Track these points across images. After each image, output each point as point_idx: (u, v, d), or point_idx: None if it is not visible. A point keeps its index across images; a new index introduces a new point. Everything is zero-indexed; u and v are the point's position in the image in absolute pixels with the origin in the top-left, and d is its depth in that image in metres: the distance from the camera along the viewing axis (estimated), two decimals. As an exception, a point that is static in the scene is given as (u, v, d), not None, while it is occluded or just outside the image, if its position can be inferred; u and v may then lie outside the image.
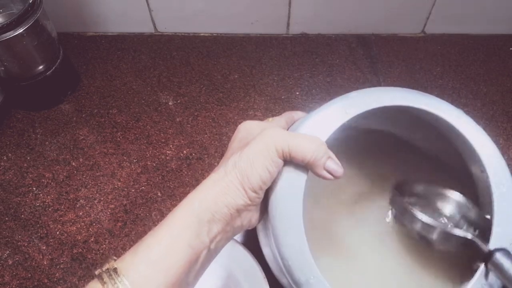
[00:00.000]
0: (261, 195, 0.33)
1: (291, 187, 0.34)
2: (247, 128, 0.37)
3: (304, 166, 0.33)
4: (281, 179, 0.34)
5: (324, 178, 0.33)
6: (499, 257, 0.31)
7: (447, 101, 0.67)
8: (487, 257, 0.32)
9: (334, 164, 0.33)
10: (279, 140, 0.32)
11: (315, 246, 0.34)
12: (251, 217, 0.34)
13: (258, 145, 0.32)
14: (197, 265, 0.31)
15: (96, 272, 0.30)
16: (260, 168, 0.32)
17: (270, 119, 0.40)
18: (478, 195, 0.38)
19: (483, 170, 0.35)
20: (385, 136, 0.46)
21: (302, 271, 0.33)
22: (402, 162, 0.46)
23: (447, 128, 0.38)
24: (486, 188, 0.35)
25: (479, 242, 0.33)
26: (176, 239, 0.31)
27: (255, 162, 0.32)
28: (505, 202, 0.34)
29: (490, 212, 0.34)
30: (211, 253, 0.33)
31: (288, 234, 0.33)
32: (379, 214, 0.44)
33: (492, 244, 0.33)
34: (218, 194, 0.32)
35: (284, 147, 0.32)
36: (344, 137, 0.39)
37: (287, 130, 0.39)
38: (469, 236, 0.34)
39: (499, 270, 0.31)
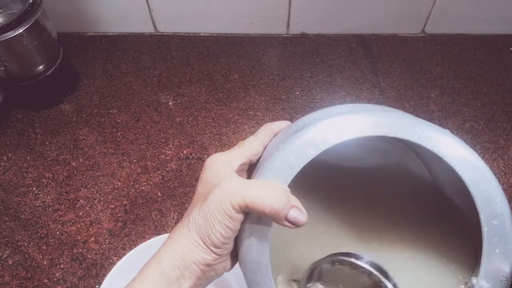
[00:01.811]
0: (229, 246, 0.32)
1: (257, 237, 0.31)
2: (213, 168, 0.34)
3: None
4: (246, 228, 0.31)
5: (285, 226, 0.31)
6: None
7: (447, 101, 0.68)
8: None
9: (297, 213, 0.30)
10: (234, 194, 0.30)
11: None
12: (225, 265, 0.33)
13: (213, 202, 0.31)
14: None
15: None
16: (218, 226, 0.30)
17: (242, 142, 0.37)
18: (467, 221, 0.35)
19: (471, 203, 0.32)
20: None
21: None
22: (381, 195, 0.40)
23: (427, 153, 0.33)
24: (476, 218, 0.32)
25: None
26: None
27: (212, 221, 0.30)
28: (496, 237, 0.31)
29: (480, 246, 0.32)
30: None
31: (258, 284, 0.32)
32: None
33: (482, 279, 0.31)
34: (184, 251, 0.31)
35: (240, 202, 0.30)
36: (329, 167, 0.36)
37: (265, 148, 0.36)
38: None
39: None
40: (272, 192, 0.30)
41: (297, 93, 0.69)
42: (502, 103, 0.67)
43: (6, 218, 0.56)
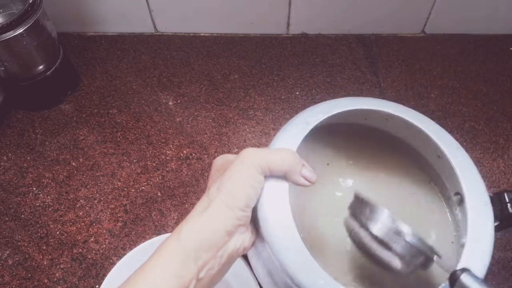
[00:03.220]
0: (249, 213, 0.34)
1: (276, 197, 0.35)
2: (223, 158, 0.38)
3: (283, 177, 0.35)
4: (265, 193, 0.35)
5: (301, 184, 0.35)
6: (464, 279, 0.31)
7: (447, 101, 0.68)
8: (452, 280, 0.32)
9: (309, 171, 0.35)
10: (256, 157, 0.34)
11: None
12: (244, 239, 0.34)
13: (237, 166, 0.33)
14: None
15: None
16: (244, 185, 0.33)
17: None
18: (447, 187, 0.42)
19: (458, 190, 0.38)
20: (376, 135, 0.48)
21: (309, 277, 0.33)
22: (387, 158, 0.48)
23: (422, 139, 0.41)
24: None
25: (442, 263, 0.33)
26: (163, 272, 0.30)
27: (238, 181, 0.33)
28: (480, 227, 0.35)
29: (465, 234, 0.36)
30: (204, 282, 0.32)
31: (285, 242, 0.34)
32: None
33: (463, 261, 0.34)
34: (205, 221, 0.32)
35: (262, 163, 0.33)
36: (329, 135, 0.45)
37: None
38: (433, 256, 0.33)
39: None
40: (287, 153, 0.35)
41: (297, 93, 0.69)
42: (502, 103, 0.67)
43: (6, 218, 0.56)
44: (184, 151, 0.62)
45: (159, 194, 0.58)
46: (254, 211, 0.35)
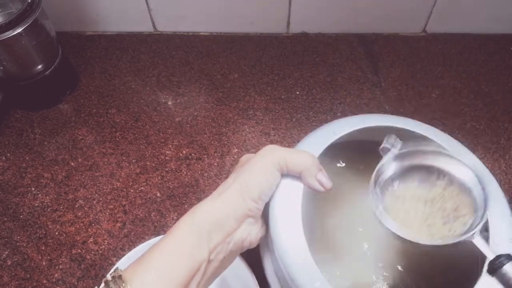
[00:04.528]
0: (261, 206, 0.36)
1: (289, 197, 0.36)
2: (247, 156, 0.39)
3: (299, 178, 0.36)
4: (279, 192, 0.36)
5: (314, 188, 0.36)
6: (510, 268, 0.29)
7: (448, 100, 0.67)
8: (494, 267, 0.30)
9: (325, 177, 0.36)
10: (276, 154, 0.36)
11: (315, 248, 0.35)
12: (251, 231, 0.36)
13: (257, 160, 0.36)
14: (198, 275, 0.33)
15: (104, 280, 0.32)
16: (260, 178, 0.35)
17: None
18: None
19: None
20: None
21: (307, 278, 0.33)
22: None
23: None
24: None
25: (485, 248, 0.32)
26: (178, 249, 0.33)
27: (254, 173, 0.35)
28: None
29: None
30: (212, 266, 0.34)
31: (290, 242, 0.35)
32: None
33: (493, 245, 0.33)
34: (218, 205, 0.34)
35: (280, 160, 0.35)
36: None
37: None
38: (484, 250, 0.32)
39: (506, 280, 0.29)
40: (306, 155, 0.37)
41: (297, 92, 0.69)
42: (503, 103, 0.67)
43: (5, 219, 0.56)
44: (184, 151, 0.62)
45: (158, 194, 0.58)
46: (266, 207, 0.36)
